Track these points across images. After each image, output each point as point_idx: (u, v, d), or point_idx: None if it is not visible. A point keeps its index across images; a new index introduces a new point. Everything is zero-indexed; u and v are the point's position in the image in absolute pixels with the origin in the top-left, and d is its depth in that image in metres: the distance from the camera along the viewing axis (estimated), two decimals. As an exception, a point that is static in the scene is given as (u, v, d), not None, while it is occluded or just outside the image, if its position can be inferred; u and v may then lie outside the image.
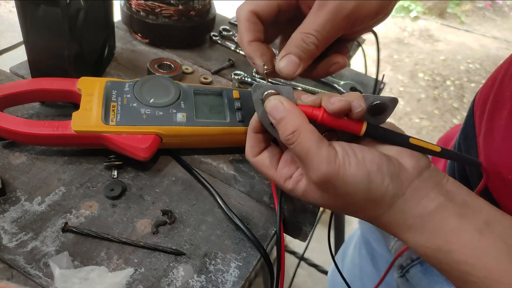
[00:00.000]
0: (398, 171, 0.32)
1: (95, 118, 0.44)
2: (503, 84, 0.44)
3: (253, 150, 0.39)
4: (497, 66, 0.49)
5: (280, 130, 0.34)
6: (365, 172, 0.31)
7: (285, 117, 0.34)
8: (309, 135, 0.32)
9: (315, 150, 0.32)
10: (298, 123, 0.33)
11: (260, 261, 0.42)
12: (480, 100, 0.48)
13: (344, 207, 0.35)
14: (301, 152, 0.32)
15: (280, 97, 0.35)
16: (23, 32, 0.47)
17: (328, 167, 0.31)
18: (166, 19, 0.65)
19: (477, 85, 3.17)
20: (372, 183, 0.31)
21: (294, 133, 0.33)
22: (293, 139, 0.33)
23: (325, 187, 0.33)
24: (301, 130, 0.33)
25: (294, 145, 0.33)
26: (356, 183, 0.31)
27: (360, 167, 0.31)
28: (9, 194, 0.41)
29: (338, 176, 0.31)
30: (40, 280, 0.35)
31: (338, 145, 0.33)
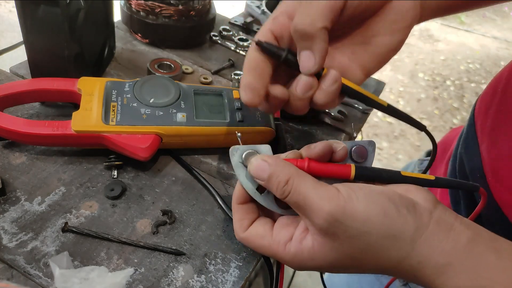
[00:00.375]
0: (413, 204, 0.29)
1: (95, 118, 0.44)
2: (506, 93, 0.43)
3: (242, 224, 0.35)
4: (496, 74, 0.48)
5: (273, 186, 0.31)
6: (377, 204, 0.28)
7: (273, 172, 0.31)
8: (303, 179, 0.30)
9: (312, 191, 0.29)
10: (289, 172, 0.30)
11: (260, 261, 0.42)
12: (481, 109, 0.47)
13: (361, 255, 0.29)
14: (299, 198, 0.29)
15: (262, 155, 0.33)
16: (23, 32, 0.47)
17: (331, 204, 0.28)
18: (166, 19, 0.65)
19: (477, 85, 3.17)
20: (388, 216, 0.27)
21: (288, 182, 0.30)
22: (288, 188, 0.30)
23: (334, 231, 0.28)
24: (294, 177, 0.30)
25: (290, 194, 0.30)
26: (369, 217, 0.27)
27: (369, 200, 0.28)
28: (9, 194, 0.41)
29: (346, 212, 0.28)
30: (40, 280, 0.35)
31: (339, 185, 0.30)
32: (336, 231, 0.28)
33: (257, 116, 0.50)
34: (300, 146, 0.56)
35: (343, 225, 0.28)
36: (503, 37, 4.06)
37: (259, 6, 0.86)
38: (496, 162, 0.42)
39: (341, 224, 0.28)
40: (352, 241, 0.28)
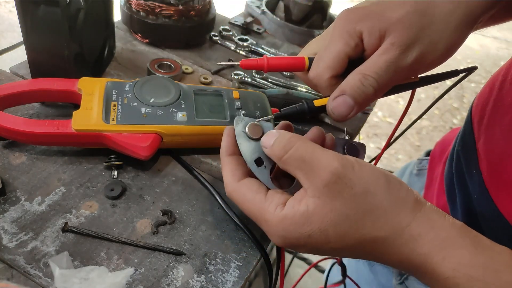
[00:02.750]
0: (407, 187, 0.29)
1: (95, 117, 0.44)
2: (502, 90, 0.43)
3: (235, 173, 0.33)
4: (495, 72, 0.48)
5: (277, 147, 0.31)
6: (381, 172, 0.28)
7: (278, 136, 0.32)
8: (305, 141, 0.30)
9: (321, 150, 0.29)
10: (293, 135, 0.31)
11: (260, 261, 0.42)
12: (478, 107, 0.48)
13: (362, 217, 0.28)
14: (305, 152, 0.29)
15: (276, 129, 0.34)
16: (23, 32, 0.47)
17: (341, 162, 0.28)
18: (166, 19, 0.65)
19: (477, 85, 3.17)
20: (391, 183, 0.28)
21: (291, 139, 0.30)
22: (291, 144, 0.30)
23: (339, 188, 0.28)
24: (298, 137, 0.31)
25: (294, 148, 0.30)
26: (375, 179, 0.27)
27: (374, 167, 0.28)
28: (9, 194, 0.41)
29: (354, 170, 0.28)
30: (40, 280, 0.35)
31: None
32: (341, 188, 0.28)
33: (257, 116, 0.50)
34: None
35: (351, 181, 0.27)
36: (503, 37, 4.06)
37: (259, 6, 0.86)
38: (492, 158, 0.42)
39: (349, 180, 0.27)
40: (356, 200, 0.28)
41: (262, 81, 0.65)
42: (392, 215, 0.27)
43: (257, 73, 0.67)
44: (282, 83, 0.66)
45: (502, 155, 0.40)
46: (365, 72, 0.33)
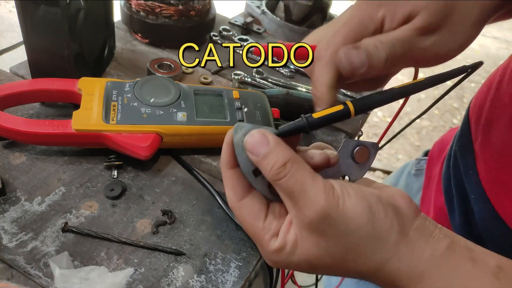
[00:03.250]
0: (397, 208, 0.29)
1: (95, 117, 0.44)
2: (499, 90, 0.43)
3: (236, 193, 0.32)
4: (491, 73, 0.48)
5: (269, 165, 0.29)
6: (366, 202, 0.28)
7: (272, 150, 0.29)
8: (302, 166, 0.29)
9: (311, 181, 0.28)
10: (289, 155, 0.29)
11: (260, 261, 0.42)
12: (475, 107, 0.48)
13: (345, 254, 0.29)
14: (295, 185, 0.28)
15: (263, 130, 0.31)
16: (23, 32, 0.47)
17: (327, 198, 0.28)
18: (166, 19, 0.65)
19: (477, 85, 3.16)
20: (375, 215, 0.28)
21: (286, 165, 0.29)
22: (285, 171, 0.29)
23: (323, 226, 0.28)
24: (293, 161, 0.29)
25: (286, 178, 0.29)
26: (358, 214, 0.27)
27: (360, 198, 0.28)
28: (9, 194, 0.41)
29: (338, 208, 0.28)
30: (40, 280, 0.35)
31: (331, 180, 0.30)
32: (324, 228, 0.28)
33: (257, 116, 0.50)
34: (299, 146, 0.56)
35: (333, 221, 0.28)
36: (503, 37, 4.06)
37: (259, 6, 0.86)
38: (489, 158, 0.42)
39: (331, 220, 0.28)
40: (338, 239, 0.28)
41: (262, 81, 0.65)
42: (373, 252, 0.28)
43: (257, 73, 0.67)
44: (282, 83, 0.66)
45: (499, 156, 0.40)
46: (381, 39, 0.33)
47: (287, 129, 0.32)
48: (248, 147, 0.30)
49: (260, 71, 0.67)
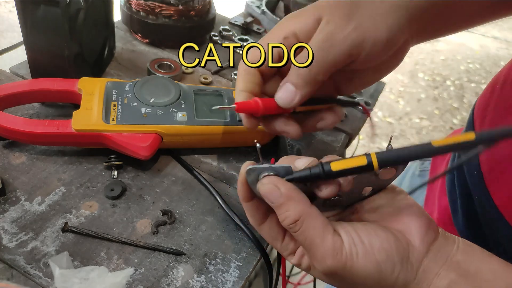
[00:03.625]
0: (407, 254, 0.30)
1: (95, 117, 0.44)
2: (504, 89, 0.43)
3: (255, 219, 0.35)
4: (496, 73, 0.48)
5: (281, 216, 0.31)
6: (374, 262, 0.30)
7: (283, 203, 0.30)
8: (312, 223, 0.30)
9: (319, 241, 0.30)
10: (300, 210, 0.30)
11: (260, 261, 0.42)
12: (480, 108, 0.47)
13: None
14: (305, 242, 0.30)
15: (275, 179, 0.31)
16: (23, 32, 0.47)
17: (334, 260, 0.29)
18: (166, 19, 0.65)
19: (477, 85, 3.17)
20: (382, 274, 0.30)
21: (297, 222, 0.30)
22: (296, 228, 0.30)
23: (332, 276, 0.31)
24: (304, 218, 0.30)
25: (297, 233, 0.31)
26: (366, 275, 0.30)
27: (368, 258, 0.30)
28: (9, 194, 0.41)
29: (345, 269, 0.30)
30: (40, 280, 0.35)
31: (343, 232, 0.30)
32: (333, 278, 0.31)
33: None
34: (300, 146, 0.56)
35: (342, 277, 0.30)
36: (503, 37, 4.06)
37: (259, 6, 0.86)
38: (493, 159, 0.42)
39: (338, 276, 0.30)
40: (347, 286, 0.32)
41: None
42: None
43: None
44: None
45: (503, 157, 0.40)
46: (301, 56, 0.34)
47: (302, 175, 0.31)
48: (263, 194, 0.31)
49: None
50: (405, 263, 0.30)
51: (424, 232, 0.31)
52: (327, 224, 0.30)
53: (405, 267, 0.30)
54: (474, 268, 0.30)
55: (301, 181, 0.31)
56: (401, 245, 0.30)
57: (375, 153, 0.29)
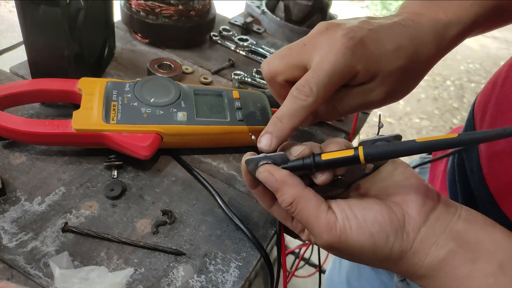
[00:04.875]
0: (402, 224, 0.31)
1: (95, 116, 0.44)
2: (504, 86, 0.43)
3: (264, 203, 0.38)
4: (497, 70, 0.48)
5: (279, 200, 0.34)
6: (368, 234, 0.31)
7: (279, 188, 0.33)
8: (306, 203, 0.32)
9: (314, 220, 0.32)
10: (293, 193, 0.33)
11: (260, 261, 0.42)
12: (480, 104, 0.48)
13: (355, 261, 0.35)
14: (302, 220, 0.33)
15: (270, 167, 0.34)
16: (23, 32, 0.47)
17: (329, 236, 0.32)
18: (166, 19, 0.65)
19: (477, 85, 3.17)
20: (377, 245, 0.31)
21: (292, 204, 0.33)
22: (292, 209, 0.33)
23: (331, 249, 0.34)
24: (298, 200, 0.33)
25: (294, 214, 0.33)
26: (360, 246, 0.31)
27: (361, 231, 0.31)
28: (9, 194, 0.41)
29: (341, 242, 0.32)
30: (40, 280, 0.35)
31: (337, 208, 0.32)
32: (332, 250, 0.34)
33: (257, 116, 0.50)
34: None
35: (339, 249, 0.32)
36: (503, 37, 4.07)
37: (259, 6, 0.86)
38: (493, 155, 0.42)
39: (336, 249, 0.33)
40: (345, 256, 0.34)
41: (262, 81, 0.65)
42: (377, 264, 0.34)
43: (257, 73, 0.67)
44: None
45: (503, 152, 0.40)
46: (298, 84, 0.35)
47: (295, 165, 0.34)
48: (261, 181, 0.35)
49: (260, 71, 0.67)
50: (400, 233, 0.31)
51: (421, 202, 0.32)
52: (321, 203, 0.32)
53: (400, 237, 0.31)
54: (474, 237, 0.31)
55: (294, 170, 0.34)
56: (395, 216, 0.31)
57: (363, 148, 0.31)
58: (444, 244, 0.31)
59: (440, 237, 0.31)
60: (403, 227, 0.31)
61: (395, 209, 0.32)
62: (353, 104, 0.39)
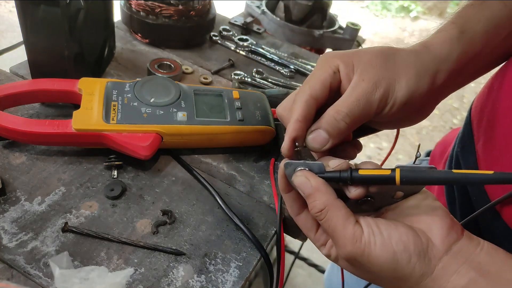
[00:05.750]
0: (426, 249, 0.32)
1: (96, 116, 0.44)
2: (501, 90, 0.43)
3: (292, 209, 0.39)
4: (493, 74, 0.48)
5: (310, 206, 0.35)
6: (391, 252, 0.31)
7: (312, 194, 0.34)
8: (336, 212, 0.33)
9: (341, 229, 0.33)
10: (325, 200, 0.34)
11: (260, 261, 0.42)
12: (477, 108, 0.48)
13: (373, 280, 0.36)
14: (328, 229, 0.34)
15: (307, 173, 0.35)
16: (23, 32, 0.47)
17: (353, 247, 0.32)
18: (166, 19, 0.65)
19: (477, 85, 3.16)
20: (398, 263, 0.32)
21: (322, 211, 0.34)
22: (321, 217, 0.34)
23: (352, 263, 0.34)
24: (328, 208, 0.33)
25: (322, 222, 0.34)
26: (382, 263, 0.32)
27: (385, 248, 0.32)
28: (9, 194, 0.41)
29: (363, 256, 0.32)
30: (40, 280, 0.35)
31: (364, 223, 0.33)
32: (353, 264, 0.34)
33: (257, 116, 0.50)
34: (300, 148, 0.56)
35: (360, 263, 0.33)
36: (503, 37, 4.06)
37: (259, 6, 0.86)
38: (491, 159, 0.42)
39: (358, 263, 0.33)
40: (365, 274, 0.34)
41: (262, 81, 0.65)
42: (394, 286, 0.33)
43: (257, 73, 0.67)
44: (282, 83, 0.66)
45: (500, 157, 0.40)
46: (338, 108, 0.38)
47: (332, 176, 0.35)
48: (296, 185, 0.35)
49: (260, 71, 0.67)
50: (423, 256, 0.32)
51: (445, 232, 0.32)
52: (350, 215, 0.33)
53: (422, 260, 0.31)
54: (495, 268, 0.31)
55: (330, 180, 0.35)
56: (419, 240, 0.32)
57: (400, 170, 0.33)
58: (465, 273, 0.31)
59: (461, 266, 0.31)
60: (426, 252, 0.32)
61: (420, 234, 0.32)
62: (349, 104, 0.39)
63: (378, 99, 0.38)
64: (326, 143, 0.38)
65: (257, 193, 0.47)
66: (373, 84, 0.38)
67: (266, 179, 0.49)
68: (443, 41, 0.41)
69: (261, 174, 0.50)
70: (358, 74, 0.38)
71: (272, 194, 0.47)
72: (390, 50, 0.40)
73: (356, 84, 0.38)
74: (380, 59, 0.39)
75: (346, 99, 0.38)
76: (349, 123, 0.38)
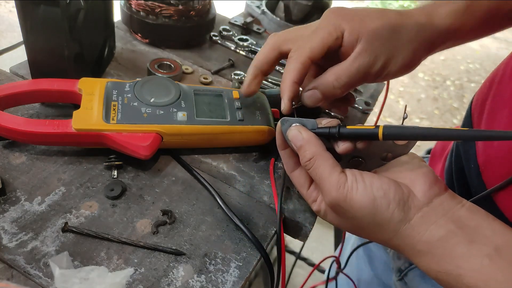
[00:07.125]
0: (406, 198, 0.33)
1: (96, 116, 0.44)
2: (502, 83, 0.44)
3: (288, 166, 0.41)
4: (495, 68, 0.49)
5: (300, 156, 0.37)
6: (371, 197, 0.33)
7: (303, 145, 0.37)
8: (323, 161, 0.36)
9: (327, 176, 0.35)
10: (314, 151, 0.36)
11: (260, 261, 0.42)
12: (478, 102, 0.48)
13: (356, 229, 0.37)
14: (316, 177, 0.36)
15: (300, 127, 0.38)
16: (23, 32, 0.47)
17: (337, 193, 0.34)
18: (166, 19, 0.65)
19: (477, 85, 3.16)
20: (377, 208, 0.33)
21: (311, 160, 0.36)
22: (309, 165, 0.36)
23: (336, 210, 0.36)
24: (316, 157, 0.36)
25: (310, 170, 0.37)
26: (362, 207, 0.33)
27: (366, 193, 0.33)
28: (9, 194, 0.41)
29: (346, 201, 0.34)
30: (40, 280, 0.35)
31: (349, 172, 0.35)
32: (338, 211, 0.36)
33: (257, 116, 0.50)
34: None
35: (343, 209, 0.35)
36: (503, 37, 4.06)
37: (259, 6, 0.86)
38: (490, 152, 0.42)
39: (341, 208, 0.35)
40: (348, 220, 0.36)
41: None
42: (376, 233, 0.35)
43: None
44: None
45: (500, 149, 0.41)
46: (339, 75, 0.41)
47: (321, 131, 0.38)
48: (289, 138, 0.38)
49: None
50: (402, 204, 0.33)
51: (428, 186, 0.34)
52: (336, 165, 0.36)
53: (402, 207, 0.33)
54: (474, 223, 0.32)
55: (321, 135, 0.38)
56: (400, 190, 0.34)
57: (383, 126, 0.35)
58: (443, 224, 0.32)
59: (441, 218, 0.33)
60: (406, 201, 0.33)
61: (402, 186, 0.34)
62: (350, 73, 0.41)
63: (375, 71, 0.41)
64: (319, 102, 0.43)
65: (257, 193, 0.47)
66: (375, 57, 0.40)
67: (266, 179, 0.49)
68: (449, 12, 0.43)
69: (261, 174, 0.50)
70: (362, 44, 0.40)
71: (272, 194, 0.47)
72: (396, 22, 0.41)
73: (359, 54, 0.40)
74: (386, 31, 0.41)
75: (348, 68, 0.41)
76: (345, 90, 0.41)
